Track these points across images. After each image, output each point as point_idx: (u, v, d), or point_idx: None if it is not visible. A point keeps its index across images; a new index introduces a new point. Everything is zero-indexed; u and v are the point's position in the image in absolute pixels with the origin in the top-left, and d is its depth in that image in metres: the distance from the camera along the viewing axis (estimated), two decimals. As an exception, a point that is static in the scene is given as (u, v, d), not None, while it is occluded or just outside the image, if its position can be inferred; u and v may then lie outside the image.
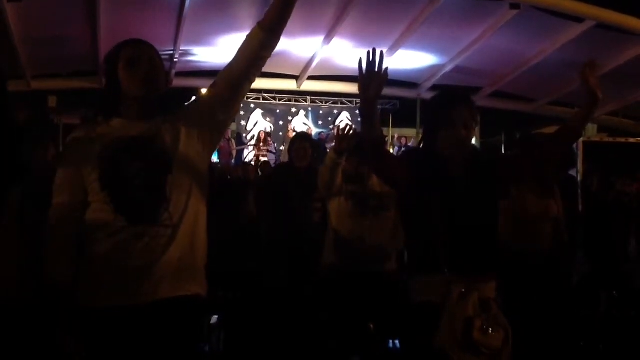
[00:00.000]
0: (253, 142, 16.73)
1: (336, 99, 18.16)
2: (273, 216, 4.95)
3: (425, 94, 14.72)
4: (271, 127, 17.65)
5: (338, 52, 12.68)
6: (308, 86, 15.46)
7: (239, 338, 4.75)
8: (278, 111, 18.09)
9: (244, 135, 17.34)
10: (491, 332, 2.46)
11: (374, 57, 2.44)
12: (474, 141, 3.12)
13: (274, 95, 17.59)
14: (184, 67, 13.54)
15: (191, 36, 11.60)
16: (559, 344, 4.29)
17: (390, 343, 4.56)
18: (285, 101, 18.00)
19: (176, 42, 11.75)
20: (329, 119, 18.28)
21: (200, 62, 13.52)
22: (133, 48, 2.36)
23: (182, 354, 2.25)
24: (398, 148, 16.69)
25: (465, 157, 2.68)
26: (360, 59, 2.45)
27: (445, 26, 11.21)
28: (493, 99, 14.81)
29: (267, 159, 15.08)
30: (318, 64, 13.57)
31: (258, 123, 17.61)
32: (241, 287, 4.71)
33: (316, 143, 7.72)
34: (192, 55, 13.00)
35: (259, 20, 2.35)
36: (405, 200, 2.79)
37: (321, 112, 18.49)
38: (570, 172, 6.74)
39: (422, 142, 2.80)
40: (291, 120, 17.94)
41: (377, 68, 2.44)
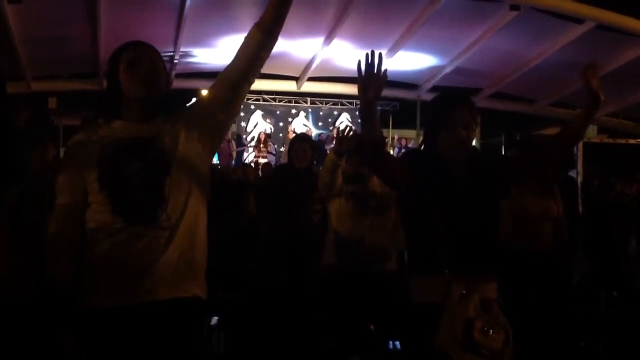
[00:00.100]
0: (253, 144, 16.74)
1: (336, 100, 18.17)
2: (273, 217, 4.96)
3: (425, 95, 14.72)
4: (271, 129, 17.66)
5: (338, 54, 12.68)
6: (308, 87, 15.45)
7: (239, 339, 4.75)
8: (278, 112, 18.10)
9: (244, 136, 17.35)
10: (492, 334, 2.47)
11: (373, 59, 2.45)
12: (474, 142, 3.12)
13: (274, 96, 17.60)
14: (184, 69, 13.54)
15: (191, 37, 11.60)
16: (559, 344, 4.29)
17: (390, 343, 4.56)
18: (285, 102, 18.01)
19: (176, 43, 11.75)
20: (329, 120, 18.29)
21: (200, 64, 13.51)
22: (134, 50, 2.37)
23: (181, 355, 2.25)
24: (398, 149, 16.70)
25: (465, 158, 2.68)
26: (359, 61, 2.46)
27: (445, 27, 11.20)
28: (493, 100, 14.80)
29: (267, 161, 15.08)
30: (318, 65, 13.57)
31: (258, 124, 17.63)
32: (241, 288, 4.71)
33: (316, 144, 7.75)
34: (192, 56, 13.00)
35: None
36: (405, 200, 2.79)
37: (321, 114, 18.50)
38: (570, 173, 6.75)
39: (423, 144, 2.81)
40: (291, 121, 17.96)
41: (376, 70, 2.45)
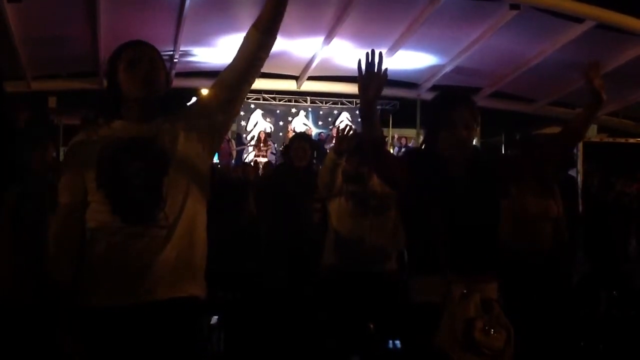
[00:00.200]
0: (253, 143, 16.73)
1: (336, 100, 18.16)
2: (273, 217, 4.95)
3: (425, 95, 14.71)
4: (271, 128, 17.66)
5: (338, 53, 12.67)
6: (308, 86, 15.45)
7: (239, 338, 4.75)
8: (278, 111, 18.09)
9: (244, 135, 17.35)
10: (493, 333, 2.46)
11: (373, 58, 2.44)
12: (475, 141, 3.12)
13: (274, 95, 17.59)
14: (184, 68, 13.53)
15: (191, 36, 11.59)
16: (559, 344, 4.29)
17: (390, 343, 4.55)
18: (285, 101, 18.00)
19: (176, 43, 11.74)
20: (329, 120, 18.28)
21: (200, 63, 13.51)
22: (134, 50, 2.36)
23: (180, 355, 2.25)
24: (398, 148, 16.70)
25: (466, 158, 2.68)
26: (359, 60, 2.45)
27: (445, 26, 11.20)
28: (493, 100, 14.79)
29: (268, 160, 15.08)
30: (318, 65, 13.56)
31: (258, 123, 17.62)
32: (241, 288, 4.71)
33: (315, 143, 7.73)
34: (192, 55, 12.99)
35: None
36: (405, 200, 2.79)
37: (321, 113, 18.49)
38: (570, 173, 6.75)
39: (423, 143, 2.80)
40: (291, 120, 17.95)
41: (377, 69, 2.44)
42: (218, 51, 12.26)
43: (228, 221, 4.67)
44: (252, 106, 17.53)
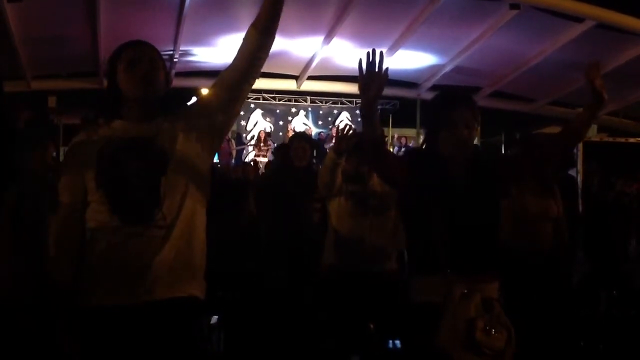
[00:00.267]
0: (253, 142, 16.73)
1: (336, 99, 18.15)
2: (273, 216, 4.95)
3: (425, 94, 14.71)
4: (271, 127, 17.66)
5: (338, 52, 12.67)
6: (308, 86, 15.45)
7: (239, 338, 4.75)
8: (278, 111, 18.09)
9: (244, 135, 17.35)
10: (494, 333, 2.46)
11: (374, 58, 2.44)
12: (475, 141, 3.12)
13: (274, 95, 17.59)
14: (184, 67, 13.53)
15: (191, 36, 11.59)
16: (559, 344, 4.29)
17: (390, 343, 4.55)
18: (285, 101, 18.00)
19: (176, 42, 11.74)
20: (329, 119, 18.28)
21: (200, 62, 13.51)
22: (134, 50, 2.37)
23: (179, 356, 2.24)
24: (398, 148, 16.70)
25: (466, 157, 2.68)
26: (360, 60, 2.45)
27: (445, 26, 11.20)
28: (493, 99, 14.79)
29: (268, 159, 15.07)
30: (318, 64, 13.56)
31: (258, 123, 17.62)
32: (241, 288, 4.71)
33: (315, 143, 7.73)
34: (192, 55, 12.99)
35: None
36: (405, 200, 2.79)
37: (321, 112, 18.49)
38: (570, 172, 6.75)
39: (424, 143, 2.80)
40: (291, 120, 17.95)
41: (378, 68, 2.44)
42: (218, 51, 12.26)
43: (228, 221, 4.67)
44: (252, 106, 17.52)
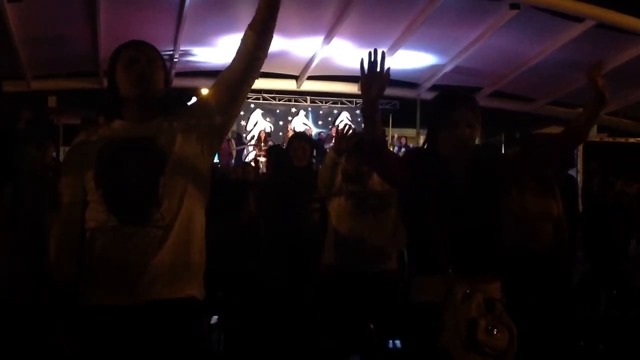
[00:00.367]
0: (253, 142, 16.74)
1: (336, 99, 18.17)
2: (273, 216, 4.95)
3: (425, 94, 14.73)
4: (271, 127, 17.67)
5: (338, 52, 12.68)
6: (308, 86, 15.47)
7: (239, 338, 4.75)
8: (278, 111, 18.10)
9: (244, 135, 17.35)
10: (496, 333, 2.46)
11: (376, 57, 2.44)
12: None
13: (274, 95, 17.61)
14: (184, 68, 13.55)
15: (191, 36, 11.61)
16: (559, 344, 4.28)
17: (390, 343, 4.55)
18: (285, 101, 18.01)
19: (176, 42, 11.75)
20: (329, 119, 18.29)
21: (200, 62, 13.53)
22: (133, 49, 2.37)
23: (178, 356, 2.25)
24: (398, 148, 16.69)
25: (467, 157, 2.67)
26: (362, 59, 2.45)
27: (445, 26, 11.21)
28: (493, 99, 14.81)
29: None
30: (318, 64, 13.57)
31: (258, 123, 17.64)
32: (241, 288, 4.71)
33: (315, 143, 7.73)
34: (192, 55, 13.01)
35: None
36: (405, 200, 2.78)
37: (321, 112, 18.50)
38: (570, 172, 6.75)
39: (425, 143, 2.80)
40: (291, 120, 17.97)
41: (379, 68, 2.44)
42: (218, 51, 12.27)
43: (228, 221, 4.67)
44: (252, 106, 17.54)
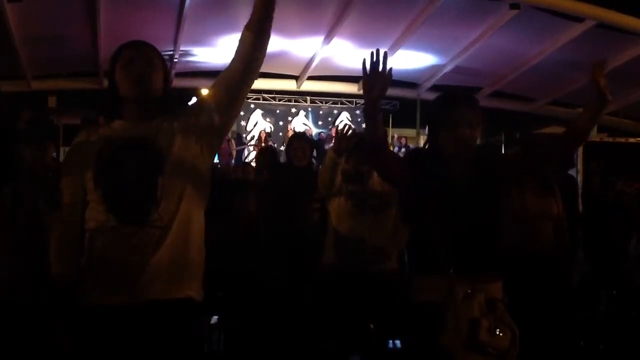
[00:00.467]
0: (253, 142, 16.75)
1: (336, 99, 18.17)
2: (273, 216, 4.95)
3: (425, 94, 14.74)
4: (271, 128, 17.67)
5: (338, 52, 12.69)
6: (308, 86, 15.48)
7: (239, 338, 4.75)
8: (278, 111, 18.10)
9: (244, 135, 17.36)
10: (498, 333, 2.46)
11: (378, 58, 2.44)
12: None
13: (274, 95, 17.61)
14: (184, 68, 13.55)
15: (191, 36, 11.61)
16: (559, 344, 4.28)
17: (390, 343, 4.55)
18: (285, 101, 18.01)
19: (176, 43, 11.76)
20: (329, 119, 18.29)
21: (200, 63, 13.53)
22: (133, 49, 2.37)
23: (178, 356, 2.24)
24: (398, 148, 16.69)
25: (467, 157, 2.67)
26: (364, 60, 2.46)
27: (445, 26, 11.21)
28: (493, 99, 14.82)
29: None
30: (318, 64, 13.58)
31: (258, 123, 17.64)
32: (241, 288, 4.71)
33: (315, 143, 7.74)
34: (192, 55, 13.02)
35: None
36: (406, 200, 2.78)
37: (321, 113, 18.50)
38: (570, 172, 6.74)
39: (426, 143, 2.80)
40: (291, 120, 17.97)
41: (381, 68, 2.44)
42: (218, 51, 12.27)
43: (228, 221, 4.67)
44: (252, 106, 17.54)
